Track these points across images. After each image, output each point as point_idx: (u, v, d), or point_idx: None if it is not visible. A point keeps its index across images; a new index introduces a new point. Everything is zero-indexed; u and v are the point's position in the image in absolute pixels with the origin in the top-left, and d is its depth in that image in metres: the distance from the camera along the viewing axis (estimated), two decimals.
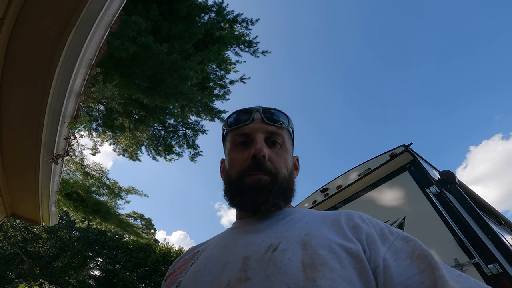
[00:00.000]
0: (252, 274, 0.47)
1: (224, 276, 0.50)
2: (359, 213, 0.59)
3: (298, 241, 0.51)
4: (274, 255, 0.49)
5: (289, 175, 0.67)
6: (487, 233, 2.22)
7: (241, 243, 0.57)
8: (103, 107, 6.36)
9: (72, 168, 7.43)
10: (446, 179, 2.65)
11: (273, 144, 0.68)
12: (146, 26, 3.99)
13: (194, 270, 0.56)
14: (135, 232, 8.72)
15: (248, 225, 0.64)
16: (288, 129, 0.74)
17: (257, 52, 6.17)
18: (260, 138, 0.66)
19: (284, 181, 0.64)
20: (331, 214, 0.60)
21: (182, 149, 7.32)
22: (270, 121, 0.69)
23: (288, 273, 0.45)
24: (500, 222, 3.41)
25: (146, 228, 21.53)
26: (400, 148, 2.90)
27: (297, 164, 0.79)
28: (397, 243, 0.50)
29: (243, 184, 0.62)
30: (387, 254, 0.47)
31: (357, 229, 0.53)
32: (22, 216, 3.40)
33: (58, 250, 17.16)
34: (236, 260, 0.52)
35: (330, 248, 0.48)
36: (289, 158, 0.70)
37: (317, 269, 0.44)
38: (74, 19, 1.57)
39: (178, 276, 0.58)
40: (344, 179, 3.35)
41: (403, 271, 0.44)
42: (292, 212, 0.65)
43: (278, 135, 0.69)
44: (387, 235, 0.52)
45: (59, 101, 1.99)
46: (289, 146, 0.73)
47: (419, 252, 0.46)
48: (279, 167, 0.65)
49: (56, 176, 2.73)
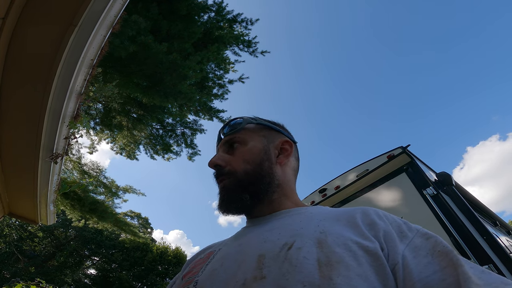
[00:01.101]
0: (268, 272, 0.47)
1: (239, 274, 0.50)
2: (375, 209, 0.58)
3: (313, 239, 0.51)
4: (289, 253, 0.49)
5: (255, 164, 0.68)
6: (483, 234, 2.25)
7: (255, 241, 0.58)
8: (101, 105, 6.34)
9: (69, 166, 7.40)
10: (443, 181, 2.67)
11: (233, 148, 0.73)
12: (145, 25, 3.98)
13: (210, 269, 0.57)
14: (132, 231, 8.70)
15: (262, 224, 0.65)
16: (245, 127, 0.76)
17: (256, 52, 6.18)
18: (218, 152, 0.74)
19: (243, 175, 0.66)
20: (346, 211, 0.60)
21: (180, 148, 7.32)
22: (226, 134, 0.76)
23: (304, 271, 0.45)
24: (495, 223, 3.45)
25: (143, 227, 21.44)
26: (397, 149, 2.93)
27: (285, 147, 0.76)
28: (417, 240, 0.49)
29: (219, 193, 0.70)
30: (406, 251, 0.46)
31: (374, 226, 0.52)
32: (19, 215, 3.38)
33: (54, 249, 17.04)
34: (251, 259, 0.52)
35: (346, 245, 0.48)
36: (250, 149, 0.70)
37: (333, 267, 0.44)
38: (76, 20, 1.57)
39: (195, 275, 0.58)
40: (342, 180, 3.37)
41: (423, 268, 0.43)
42: (306, 210, 0.65)
43: (234, 139, 0.73)
44: (406, 231, 0.51)
45: (60, 101, 1.99)
46: (252, 138, 0.73)
47: (440, 249, 0.45)
48: (236, 166, 0.68)
49: (55, 175, 2.72)
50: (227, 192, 0.66)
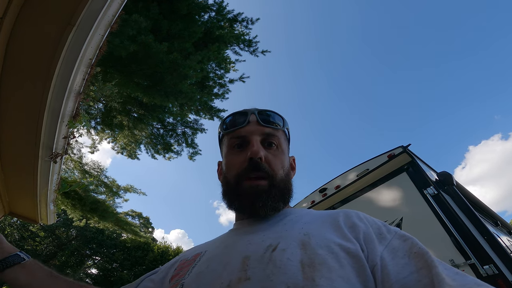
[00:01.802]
0: (252, 274, 0.47)
1: (224, 276, 0.50)
2: (356, 212, 0.60)
3: (297, 241, 0.52)
4: (274, 255, 0.50)
5: (286, 176, 0.68)
6: (483, 234, 2.24)
7: (240, 243, 0.58)
8: (101, 105, 6.34)
9: (70, 166, 7.41)
10: (444, 181, 2.66)
11: (269, 146, 0.68)
12: (146, 24, 3.98)
13: (196, 271, 0.57)
14: (133, 230, 8.72)
15: (247, 226, 0.65)
16: (284, 130, 0.74)
17: (256, 52, 6.16)
18: (256, 140, 0.67)
19: (281, 182, 0.65)
20: (329, 214, 0.61)
21: (181, 147, 7.31)
22: (265, 123, 0.70)
23: (288, 272, 0.45)
24: (496, 223, 3.43)
25: (144, 226, 21.49)
26: (398, 149, 2.92)
27: (293, 165, 0.80)
28: (395, 242, 0.50)
29: (241, 188, 0.63)
30: (384, 252, 0.47)
31: (355, 228, 0.53)
32: (20, 214, 3.39)
33: (55, 248, 17.09)
34: (236, 260, 0.52)
35: (328, 247, 0.49)
36: (285, 159, 0.70)
37: (316, 269, 0.45)
38: (74, 19, 1.57)
39: (181, 278, 0.59)
40: (343, 180, 3.36)
41: (400, 269, 0.44)
42: (291, 213, 0.66)
43: (274, 136, 0.69)
44: (385, 233, 0.52)
45: (59, 100, 1.99)
46: (285, 147, 0.73)
47: (416, 251, 0.46)
48: (276, 169, 0.65)
49: (54, 174, 2.72)
50: (265, 197, 0.61)
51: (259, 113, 0.71)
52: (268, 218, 0.64)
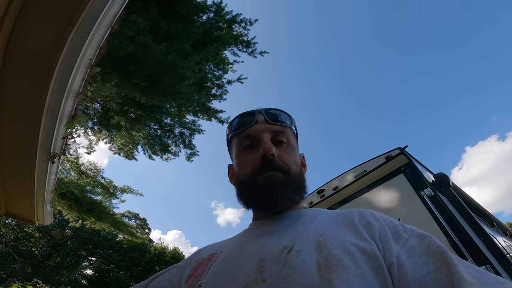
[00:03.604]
0: (268, 275, 0.48)
1: (240, 277, 0.50)
2: (371, 211, 0.60)
3: (313, 242, 0.52)
4: (289, 256, 0.50)
5: (300, 171, 0.68)
6: (480, 235, 2.26)
7: (256, 245, 0.58)
8: (99, 105, 6.31)
9: (66, 166, 7.36)
10: (440, 182, 2.69)
11: (279, 143, 0.69)
12: (144, 25, 3.97)
13: (212, 272, 0.58)
14: (129, 231, 8.68)
15: (262, 227, 0.65)
16: (292, 127, 0.75)
17: (255, 53, 6.17)
18: (267, 138, 0.67)
19: (296, 176, 0.65)
20: (343, 213, 0.61)
21: (179, 148, 7.29)
22: (273, 121, 0.70)
23: (304, 274, 0.45)
24: (492, 224, 3.47)
25: (141, 227, 21.38)
26: (395, 150, 2.94)
27: (304, 162, 0.79)
28: (412, 241, 0.49)
29: (257, 182, 0.63)
30: (401, 251, 0.47)
31: (370, 227, 0.53)
32: (16, 215, 3.36)
33: (51, 249, 16.94)
34: (252, 262, 0.52)
35: (345, 248, 0.48)
36: (296, 156, 0.71)
37: (332, 270, 0.44)
38: (75, 19, 1.57)
39: (198, 279, 0.59)
40: (341, 181, 3.38)
41: (417, 268, 0.43)
42: (305, 213, 0.65)
43: (283, 134, 0.70)
44: (401, 232, 0.52)
45: (58, 100, 1.98)
46: (295, 144, 0.74)
47: (434, 249, 0.46)
48: (290, 164, 0.65)
49: (52, 175, 2.71)
50: (282, 187, 0.61)
51: (266, 112, 0.72)
52: (283, 218, 0.64)
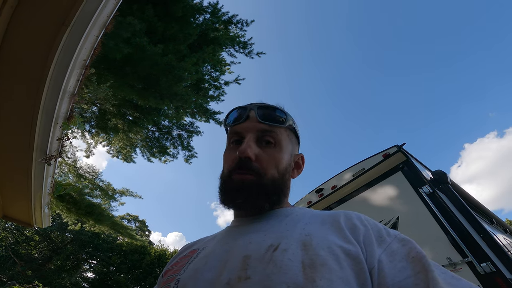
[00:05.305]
0: (252, 273, 0.47)
1: (224, 274, 0.50)
2: (357, 213, 0.59)
3: (299, 241, 0.52)
4: (275, 255, 0.49)
5: (281, 174, 0.65)
6: (479, 232, 2.25)
7: (241, 242, 0.57)
8: (96, 108, 6.30)
9: (64, 170, 7.33)
10: (439, 179, 2.69)
11: (267, 143, 0.66)
12: (140, 27, 3.96)
13: (193, 267, 0.57)
14: (129, 234, 8.64)
15: (247, 224, 0.64)
16: (286, 126, 0.71)
17: (252, 53, 6.17)
18: (250, 138, 0.64)
19: (270, 182, 0.63)
20: (330, 215, 0.60)
21: (177, 150, 7.27)
22: (264, 120, 0.67)
23: (288, 272, 0.45)
24: (492, 221, 3.47)
25: (140, 230, 21.35)
26: (393, 148, 2.94)
27: (300, 163, 0.77)
28: (394, 245, 0.50)
29: (230, 182, 0.62)
30: (382, 255, 0.48)
31: (355, 230, 0.53)
32: (14, 217, 3.35)
33: (51, 252, 16.88)
34: (236, 259, 0.52)
35: (330, 249, 0.49)
36: (283, 157, 0.67)
37: (316, 270, 0.45)
38: (68, 20, 1.56)
39: (176, 274, 0.58)
40: (339, 180, 3.37)
41: (397, 272, 0.44)
42: (292, 212, 0.65)
43: (271, 133, 0.67)
44: (384, 236, 0.52)
45: (52, 101, 1.97)
46: (286, 144, 0.70)
47: (414, 255, 0.46)
48: (267, 168, 0.63)
49: (48, 177, 2.70)
50: (250, 193, 0.60)
51: (258, 109, 0.69)
52: (269, 215, 0.64)
